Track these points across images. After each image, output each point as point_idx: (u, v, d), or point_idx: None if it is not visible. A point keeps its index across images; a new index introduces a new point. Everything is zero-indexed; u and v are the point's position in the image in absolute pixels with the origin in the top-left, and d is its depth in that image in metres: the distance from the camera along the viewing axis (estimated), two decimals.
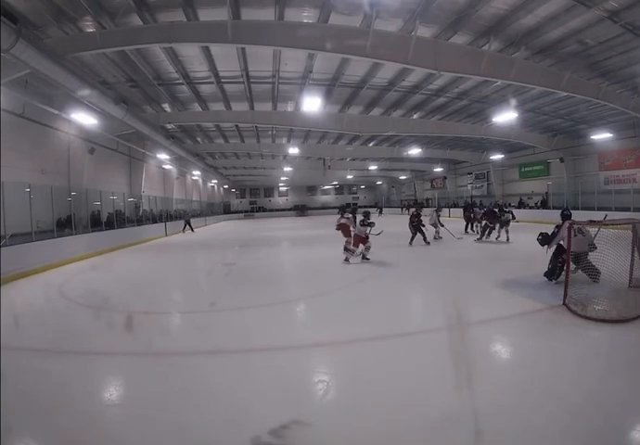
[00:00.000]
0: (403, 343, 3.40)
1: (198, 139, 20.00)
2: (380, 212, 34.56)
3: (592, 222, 4.50)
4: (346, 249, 7.80)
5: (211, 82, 10.99)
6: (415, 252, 9.27)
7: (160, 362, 3.13)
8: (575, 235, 4.67)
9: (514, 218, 10.87)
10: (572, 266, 4.64)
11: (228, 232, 20.49)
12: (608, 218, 4.63)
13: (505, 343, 3.41)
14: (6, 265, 6.02)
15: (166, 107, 13.36)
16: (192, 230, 20.10)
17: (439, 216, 11.79)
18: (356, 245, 7.67)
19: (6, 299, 5.01)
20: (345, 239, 8.07)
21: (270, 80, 10.98)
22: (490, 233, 10.77)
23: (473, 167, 27.20)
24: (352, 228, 7.90)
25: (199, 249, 12.20)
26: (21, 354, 3.29)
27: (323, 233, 17.08)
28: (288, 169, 28.54)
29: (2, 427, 2.00)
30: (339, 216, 8.55)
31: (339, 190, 46.47)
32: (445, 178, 31.15)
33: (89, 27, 7.49)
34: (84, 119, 10.30)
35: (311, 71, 10.11)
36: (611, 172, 17.40)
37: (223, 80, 10.94)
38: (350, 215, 8.42)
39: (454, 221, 18.56)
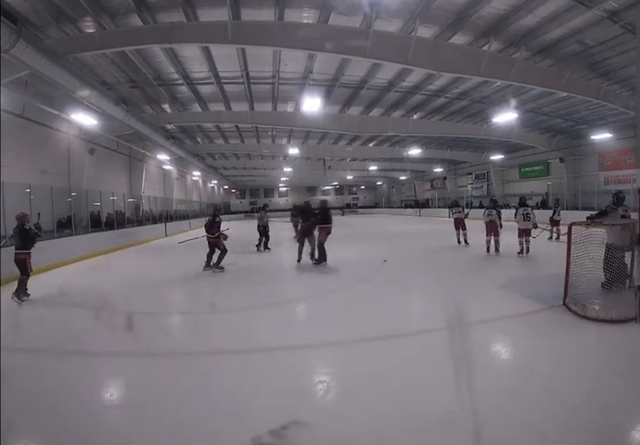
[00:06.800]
0: (404, 343, 3.40)
1: (198, 140, 20.02)
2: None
3: (593, 223, 4.49)
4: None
5: (211, 83, 11.00)
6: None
7: (160, 363, 3.13)
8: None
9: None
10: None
11: (228, 232, 20.43)
12: None
13: (505, 343, 3.41)
14: (6, 265, 6.02)
15: (166, 107, 13.37)
16: None
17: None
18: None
19: (6, 299, 5.00)
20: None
21: (270, 80, 10.99)
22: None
23: (473, 167, 27.19)
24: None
25: (200, 250, 12.17)
26: (22, 354, 3.28)
27: None
28: (287, 169, 28.57)
29: (2, 427, 1.99)
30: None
31: (339, 190, 46.51)
32: (445, 178, 31.13)
33: (89, 27, 7.50)
34: (84, 119, 10.32)
35: (311, 72, 10.11)
36: (611, 172, 17.39)
37: (223, 80, 10.95)
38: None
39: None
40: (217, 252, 7.43)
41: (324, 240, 7.54)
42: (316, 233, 7.61)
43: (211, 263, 7.43)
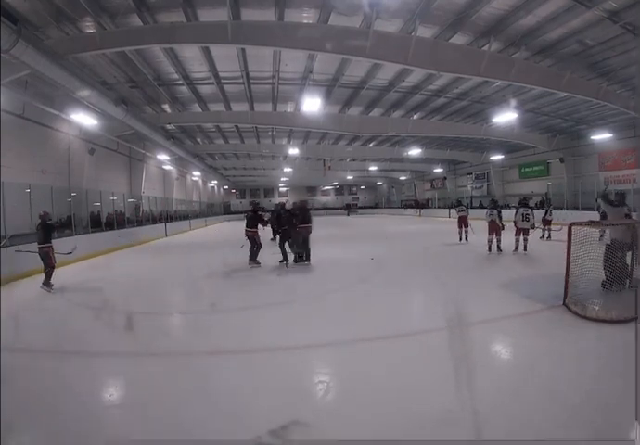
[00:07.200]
0: (404, 343, 3.39)
1: (198, 140, 20.03)
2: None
3: (592, 223, 4.49)
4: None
5: (211, 83, 11.01)
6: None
7: (160, 363, 3.13)
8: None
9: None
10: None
11: (229, 233, 20.45)
12: None
13: (505, 343, 3.40)
14: (7, 265, 6.03)
15: (166, 107, 13.38)
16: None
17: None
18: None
19: (6, 299, 5.00)
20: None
21: (270, 80, 11.00)
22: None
23: (473, 167, 27.19)
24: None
25: (200, 250, 12.19)
26: (22, 354, 3.28)
27: (324, 233, 17.08)
28: (287, 169, 28.58)
29: (2, 427, 1.99)
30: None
31: (339, 191, 46.52)
32: (445, 178, 31.13)
33: (89, 27, 7.51)
34: (84, 119, 10.32)
35: (311, 72, 10.12)
36: (611, 173, 17.40)
37: (223, 80, 10.96)
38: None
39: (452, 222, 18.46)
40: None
41: (304, 237, 7.58)
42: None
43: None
